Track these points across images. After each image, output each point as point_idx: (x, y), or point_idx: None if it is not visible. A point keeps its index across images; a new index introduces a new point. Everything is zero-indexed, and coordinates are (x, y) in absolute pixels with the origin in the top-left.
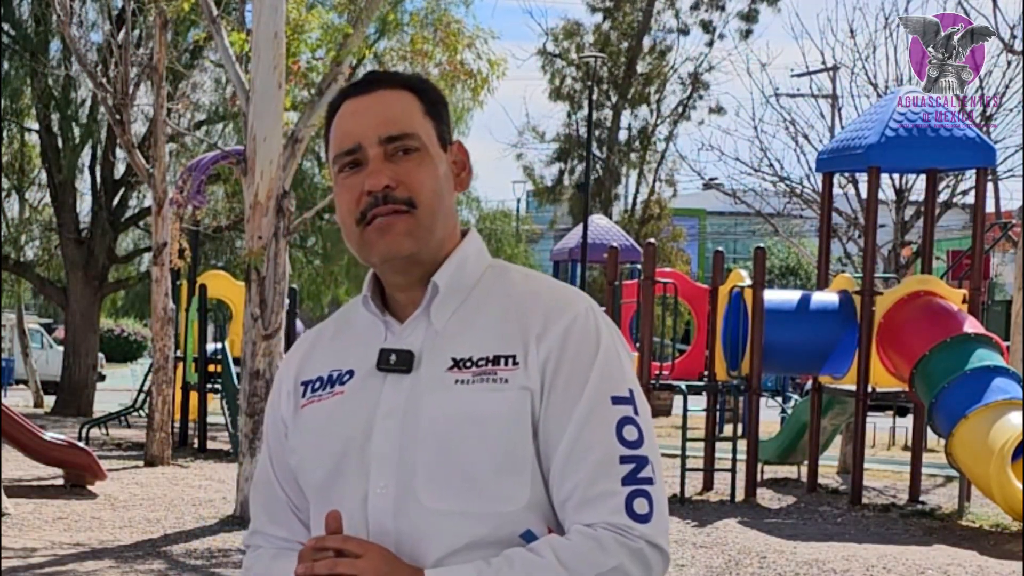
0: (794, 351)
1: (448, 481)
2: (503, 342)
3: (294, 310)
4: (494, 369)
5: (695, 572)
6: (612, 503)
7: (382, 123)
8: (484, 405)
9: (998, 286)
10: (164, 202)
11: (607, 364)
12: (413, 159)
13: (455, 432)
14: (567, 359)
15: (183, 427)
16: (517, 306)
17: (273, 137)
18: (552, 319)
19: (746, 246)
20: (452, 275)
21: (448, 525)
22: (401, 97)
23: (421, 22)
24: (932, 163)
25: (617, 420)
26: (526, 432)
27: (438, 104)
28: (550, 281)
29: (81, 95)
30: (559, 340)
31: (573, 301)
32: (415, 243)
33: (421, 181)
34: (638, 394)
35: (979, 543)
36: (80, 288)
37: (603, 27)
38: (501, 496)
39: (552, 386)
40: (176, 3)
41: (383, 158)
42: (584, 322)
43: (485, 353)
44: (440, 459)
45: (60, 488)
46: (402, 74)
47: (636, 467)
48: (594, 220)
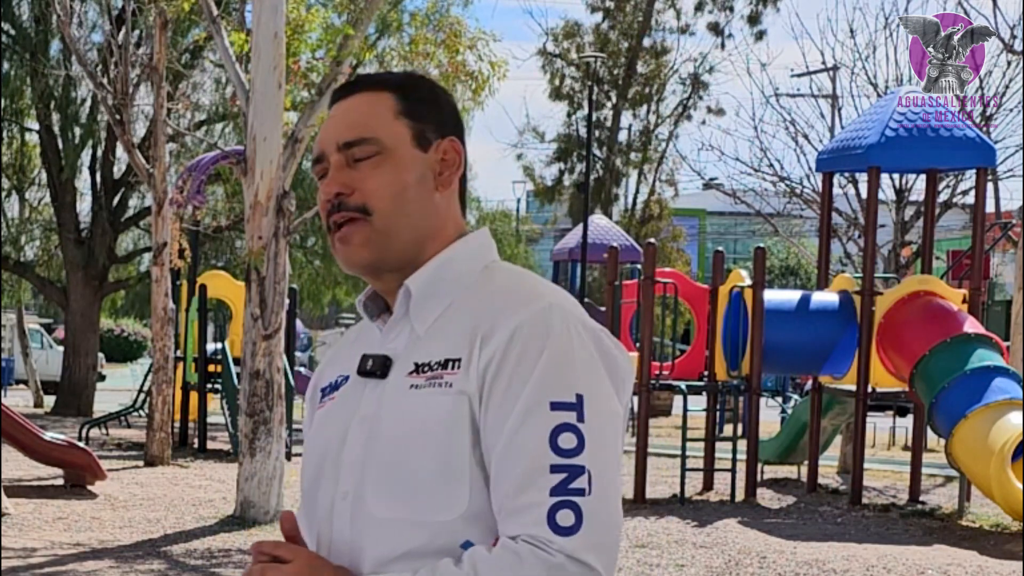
0: (794, 351)
1: (392, 488)
2: (456, 344)
3: (294, 310)
4: (442, 373)
5: (695, 572)
6: (535, 514)
7: (343, 129)
8: (427, 411)
9: (998, 286)
10: (164, 202)
11: (552, 366)
12: (371, 163)
13: (402, 439)
14: (510, 361)
15: (183, 427)
16: (479, 308)
17: (273, 137)
18: (501, 318)
19: (746, 246)
20: (428, 279)
21: (388, 533)
22: (373, 99)
23: (422, 22)
24: (932, 163)
25: (553, 426)
26: (464, 439)
27: (423, 102)
28: (524, 280)
29: (81, 95)
30: (505, 341)
31: (529, 300)
32: (372, 252)
33: (376, 186)
34: (589, 400)
35: (979, 543)
36: (80, 288)
37: (603, 27)
38: (439, 505)
39: (492, 389)
40: (176, 3)
41: (342, 165)
42: (535, 321)
43: (440, 357)
44: (388, 466)
45: (60, 488)
46: (388, 74)
47: (568, 477)
48: (594, 220)
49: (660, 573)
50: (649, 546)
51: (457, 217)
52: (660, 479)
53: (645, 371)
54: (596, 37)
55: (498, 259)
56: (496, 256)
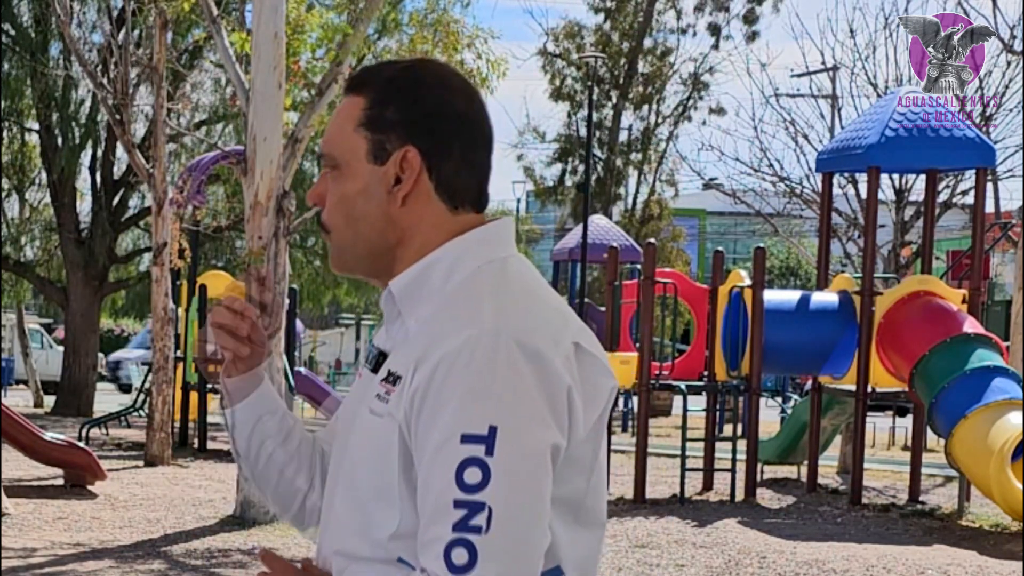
0: (794, 351)
1: (351, 497)
2: (404, 362)
3: (294, 310)
4: (390, 388)
5: (695, 572)
6: (436, 549)
7: (323, 139)
8: (373, 429)
9: (998, 286)
10: (164, 202)
11: (468, 397)
12: (332, 178)
13: (357, 449)
14: (432, 391)
15: (183, 427)
16: (432, 321)
17: (273, 137)
18: (433, 345)
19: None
20: (409, 282)
21: (344, 534)
22: (348, 107)
23: (421, 22)
24: (932, 163)
25: (460, 460)
26: (394, 464)
27: (394, 106)
28: (474, 297)
29: (81, 95)
30: (431, 370)
31: (463, 326)
32: (338, 264)
33: (332, 205)
34: (504, 432)
35: (979, 543)
36: (80, 288)
37: (604, 27)
38: (375, 521)
39: (418, 418)
40: (176, 3)
41: (325, 174)
42: (460, 350)
43: (395, 369)
44: (351, 474)
45: (60, 488)
46: (378, 68)
47: (467, 513)
48: (594, 220)
49: (660, 573)
50: (649, 546)
51: (439, 222)
52: (660, 479)
53: (645, 371)
54: (597, 37)
55: (503, 255)
56: (503, 251)
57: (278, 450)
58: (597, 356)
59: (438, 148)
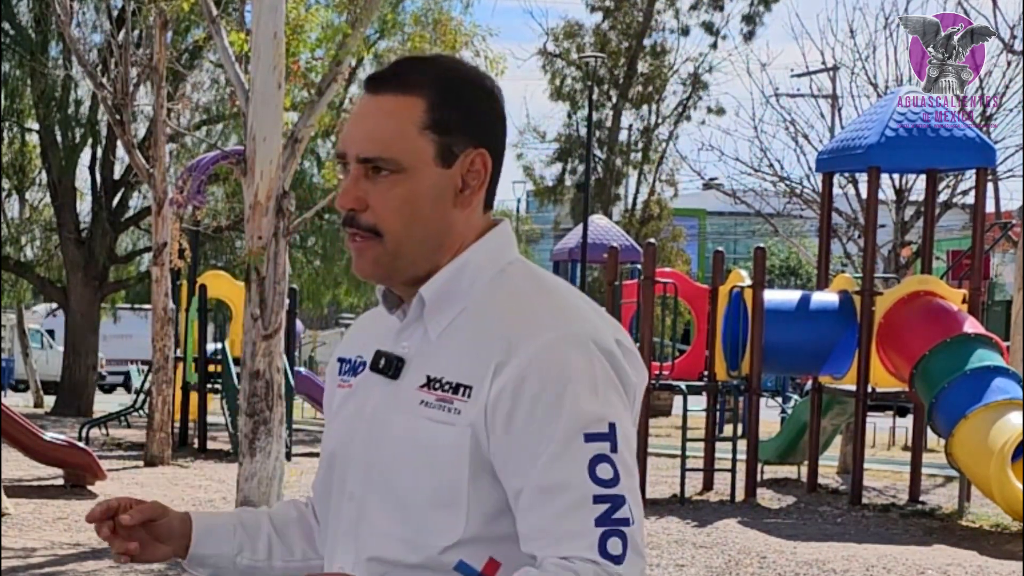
0: (794, 351)
1: (393, 504)
2: (470, 368)
3: (294, 310)
4: (453, 398)
5: (695, 572)
6: (585, 541)
7: (364, 140)
8: (432, 435)
9: (998, 286)
10: (164, 202)
11: (581, 398)
12: (388, 181)
13: (404, 455)
14: (526, 394)
15: (183, 427)
16: (492, 326)
17: (273, 137)
18: (515, 349)
19: (746, 246)
20: (441, 287)
21: (388, 544)
22: (402, 107)
23: (420, 21)
24: (932, 163)
25: (590, 458)
26: (463, 471)
27: (457, 109)
28: (539, 297)
29: (81, 95)
30: (518, 374)
31: (542, 328)
32: (382, 271)
33: (389, 208)
34: (621, 428)
35: (979, 543)
36: (80, 288)
37: (603, 27)
38: (432, 529)
39: (510, 422)
40: (176, 3)
41: (360, 176)
42: (552, 352)
43: (454, 377)
44: (389, 480)
45: (60, 488)
46: (427, 66)
47: (611, 507)
48: (594, 220)
49: (660, 573)
50: (649, 546)
51: (476, 223)
52: (660, 479)
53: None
54: (596, 37)
55: (517, 257)
56: (514, 254)
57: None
58: (634, 352)
59: (498, 149)
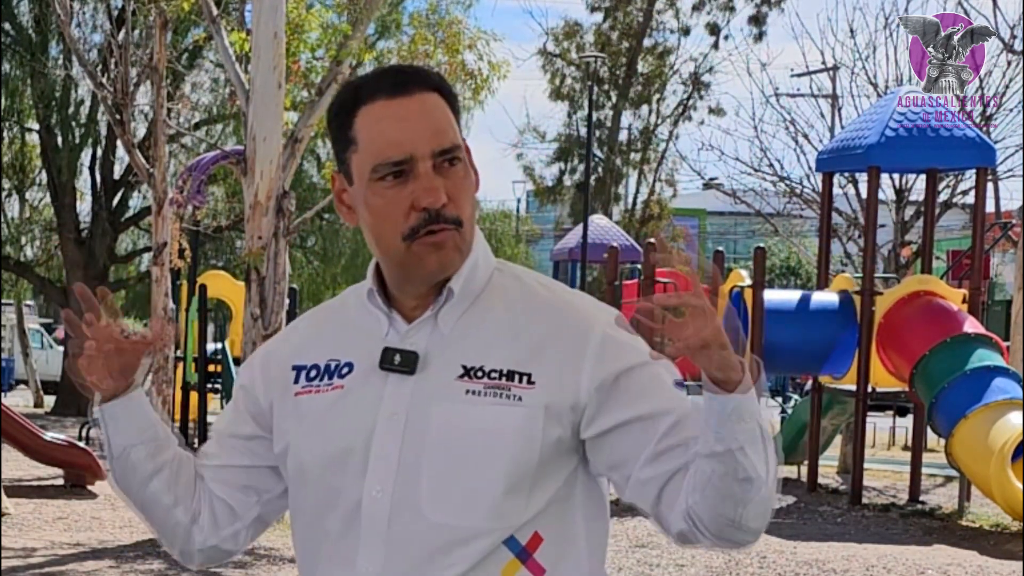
0: (794, 351)
1: (451, 494)
2: (519, 357)
3: (294, 310)
4: (508, 385)
5: (695, 572)
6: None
7: (434, 135)
8: (494, 422)
9: (998, 286)
10: (164, 202)
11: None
12: (458, 172)
13: (467, 445)
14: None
15: (183, 427)
16: (538, 320)
17: (273, 137)
18: (578, 338)
19: (746, 246)
20: (466, 280)
21: (440, 534)
22: (438, 102)
23: (422, 23)
24: (932, 163)
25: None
26: (534, 455)
27: (457, 104)
28: (568, 294)
29: (81, 95)
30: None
31: (579, 315)
32: (462, 258)
33: (466, 198)
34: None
35: (979, 543)
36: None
37: (603, 27)
38: (504, 513)
39: (610, 395)
40: (176, 3)
41: (432, 171)
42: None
43: (497, 365)
44: (448, 471)
45: (60, 488)
46: (427, 72)
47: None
48: (594, 220)
49: (660, 573)
50: (649, 546)
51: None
52: None
53: None
54: (596, 37)
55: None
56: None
57: (154, 480)
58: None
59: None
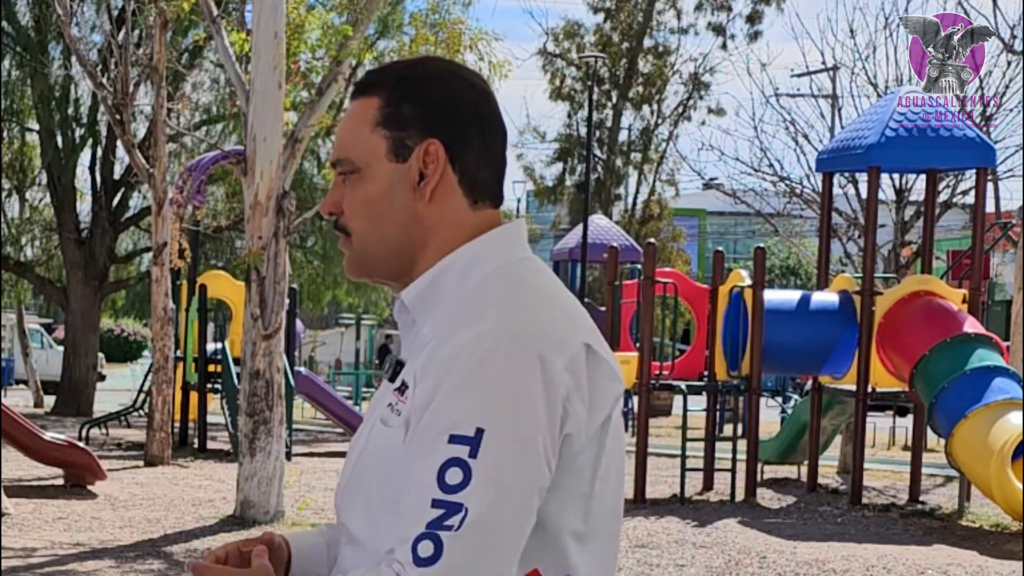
0: (794, 351)
1: (360, 508)
2: (413, 365)
3: (294, 310)
4: (399, 399)
5: (695, 572)
6: (407, 545)
7: (336, 146)
8: (383, 439)
9: (998, 286)
10: (164, 202)
11: (460, 398)
12: (350, 183)
13: (368, 460)
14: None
15: (183, 427)
16: (438, 330)
17: (273, 137)
18: (439, 347)
19: (746, 246)
20: (422, 291)
21: (352, 551)
22: (361, 109)
23: (423, 23)
24: (932, 163)
25: (444, 460)
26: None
27: (411, 102)
28: (480, 299)
29: (81, 95)
30: (437, 372)
31: (466, 327)
32: (360, 270)
33: (353, 209)
34: (490, 436)
35: (979, 543)
36: (80, 288)
37: (604, 27)
38: (378, 534)
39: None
40: (176, 3)
41: (339, 181)
42: (461, 350)
43: (406, 375)
44: (359, 485)
45: (60, 488)
46: (389, 67)
47: (444, 513)
48: (594, 220)
49: (660, 573)
50: (649, 546)
51: (460, 219)
52: (660, 479)
53: (645, 371)
54: (597, 37)
55: (522, 258)
56: (516, 254)
57: None
58: (607, 360)
59: (458, 138)
